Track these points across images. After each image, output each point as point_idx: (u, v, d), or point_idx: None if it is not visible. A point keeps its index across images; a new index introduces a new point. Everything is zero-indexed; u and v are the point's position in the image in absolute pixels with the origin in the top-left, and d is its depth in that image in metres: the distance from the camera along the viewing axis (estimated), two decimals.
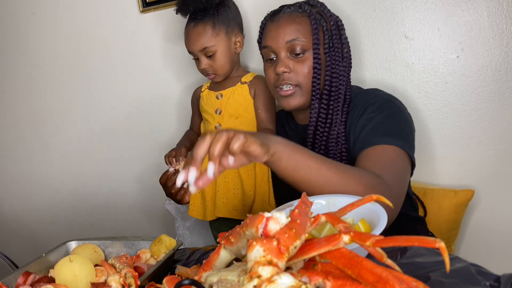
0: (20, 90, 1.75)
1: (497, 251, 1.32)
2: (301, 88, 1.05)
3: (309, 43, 1.03)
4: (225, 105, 1.22)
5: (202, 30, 1.17)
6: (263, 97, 1.21)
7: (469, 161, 1.29)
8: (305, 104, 1.07)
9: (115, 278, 0.76)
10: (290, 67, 1.03)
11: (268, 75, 1.09)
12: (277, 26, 1.05)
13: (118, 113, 1.64)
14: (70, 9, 1.61)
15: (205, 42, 1.17)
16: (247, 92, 1.22)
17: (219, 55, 1.19)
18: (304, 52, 1.03)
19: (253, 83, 1.23)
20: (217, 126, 1.22)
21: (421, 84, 1.29)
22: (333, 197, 0.81)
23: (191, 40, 1.19)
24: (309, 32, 1.03)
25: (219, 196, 1.19)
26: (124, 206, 1.73)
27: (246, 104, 1.22)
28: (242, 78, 1.24)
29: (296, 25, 1.03)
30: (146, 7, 1.49)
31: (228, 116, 1.21)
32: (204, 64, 1.20)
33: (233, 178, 1.19)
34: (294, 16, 1.04)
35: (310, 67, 1.03)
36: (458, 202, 1.22)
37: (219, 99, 1.23)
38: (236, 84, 1.23)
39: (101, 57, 1.61)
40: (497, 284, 0.54)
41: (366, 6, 1.30)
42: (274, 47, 1.05)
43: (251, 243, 0.46)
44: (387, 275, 0.43)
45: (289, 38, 1.02)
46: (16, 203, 1.88)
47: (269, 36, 1.06)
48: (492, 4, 1.20)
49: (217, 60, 1.19)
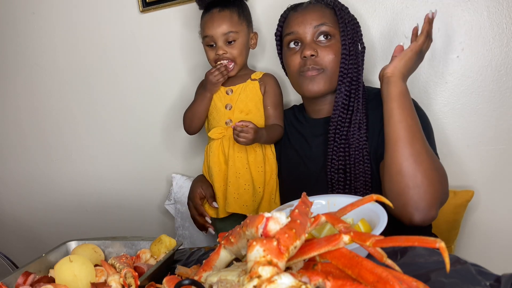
0: (20, 90, 1.75)
1: (497, 251, 1.32)
2: (326, 73, 1.06)
3: (335, 29, 1.07)
4: (236, 101, 1.21)
5: (229, 15, 1.18)
6: (273, 94, 1.23)
7: (469, 161, 1.29)
8: (326, 90, 1.08)
9: (115, 278, 0.76)
10: (317, 51, 1.05)
11: (292, 61, 1.10)
12: (304, 13, 1.09)
13: (118, 113, 1.64)
14: (70, 9, 1.61)
15: (231, 27, 1.17)
16: (257, 88, 1.22)
17: (239, 43, 1.19)
18: (330, 38, 1.06)
19: (264, 80, 1.24)
20: (227, 121, 1.21)
21: (421, 84, 1.29)
22: (333, 197, 0.81)
23: (215, 23, 1.18)
24: (334, 21, 1.07)
25: (230, 191, 1.19)
26: (124, 206, 1.73)
27: (256, 100, 1.22)
28: (252, 75, 1.25)
29: (322, 13, 1.08)
30: (146, 7, 1.49)
31: (238, 111, 1.21)
32: (223, 50, 1.18)
33: (244, 174, 1.19)
34: (318, 6, 1.10)
35: (336, 52, 1.06)
36: (458, 203, 1.22)
37: (229, 94, 1.22)
38: (246, 81, 1.23)
39: (101, 57, 1.61)
40: (497, 284, 0.54)
41: (366, 6, 1.30)
42: (300, 32, 1.07)
43: (251, 243, 0.46)
44: (387, 275, 0.43)
45: (317, 23, 1.06)
46: (16, 203, 1.88)
47: (295, 22, 1.09)
48: (492, 4, 1.20)
49: (236, 48, 1.19)
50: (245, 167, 1.19)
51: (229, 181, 1.19)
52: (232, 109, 1.21)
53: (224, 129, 1.21)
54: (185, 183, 1.50)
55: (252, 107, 1.21)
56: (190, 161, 1.59)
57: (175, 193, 1.52)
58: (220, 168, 1.21)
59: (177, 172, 1.58)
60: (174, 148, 1.60)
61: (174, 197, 1.53)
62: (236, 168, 1.19)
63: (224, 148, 1.21)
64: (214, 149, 1.21)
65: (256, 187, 1.20)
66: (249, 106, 1.21)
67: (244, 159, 1.19)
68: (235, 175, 1.19)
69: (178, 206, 1.52)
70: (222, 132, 1.21)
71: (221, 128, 1.21)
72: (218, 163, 1.21)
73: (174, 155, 1.61)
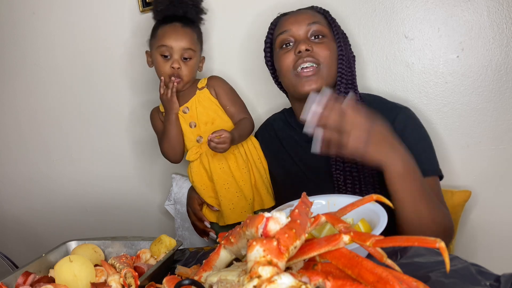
0: (20, 90, 1.74)
1: (495, 251, 1.31)
2: (322, 70, 1.05)
3: (328, 30, 1.08)
4: (196, 116, 1.22)
5: (190, 33, 1.21)
6: (225, 92, 1.24)
7: (468, 161, 1.29)
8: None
9: (115, 278, 0.76)
10: (312, 46, 1.05)
11: (285, 59, 1.08)
12: (295, 15, 1.10)
13: (118, 113, 1.64)
14: (70, 9, 1.61)
15: (191, 44, 1.20)
16: (208, 94, 1.24)
17: (192, 63, 1.21)
18: (323, 37, 1.07)
19: (210, 84, 1.25)
20: (198, 139, 1.22)
21: (421, 84, 1.29)
22: (333, 197, 0.81)
23: (178, 36, 1.19)
24: (326, 23, 1.09)
25: (224, 204, 1.20)
26: (124, 206, 1.73)
27: (214, 107, 1.23)
28: (198, 85, 1.25)
29: (313, 14, 1.09)
30: (146, 7, 1.49)
31: (203, 125, 1.22)
32: (178, 64, 1.19)
33: (231, 182, 1.20)
34: (309, 10, 1.12)
35: (331, 49, 1.06)
36: (455, 203, 1.22)
37: (186, 112, 1.22)
38: (195, 93, 1.24)
39: (101, 57, 1.61)
40: (497, 284, 0.54)
41: (366, 6, 1.30)
42: (294, 30, 1.07)
43: (251, 243, 0.46)
44: (387, 275, 0.43)
45: (309, 21, 1.07)
46: (16, 203, 1.88)
47: (288, 22, 1.09)
48: (492, 4, 1.20)
49: (189, 66, 1.20)
50: (230, 176, 1.20)
51: (220, 195, 1.20)
52: (197, 125, 1.22)
53: (198, 147, 1.22)
54: (185, 184, 1.50)
55: (213, 115, 1.22)
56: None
57: (175, 194, 1.52)
58: (206, 185, 1.22)
59: (177, 172, 1.58)
60: None
61: (174, 198, 1.53)
62: (222, 181, 1.20)
63: (204, 165, 1.21)
64: (195, 169, 1.22)
65: (246, 189, 1.20)
66: (211, 115, 1.22)
67: (226, 168, 1.20)
68: (224, 188, 1.20)
69: (178, 207, 1.51)
70: (198, 152, 1.21)
71: (196, 148, 1.22)
72: (202, 181, 1.22)
73: None
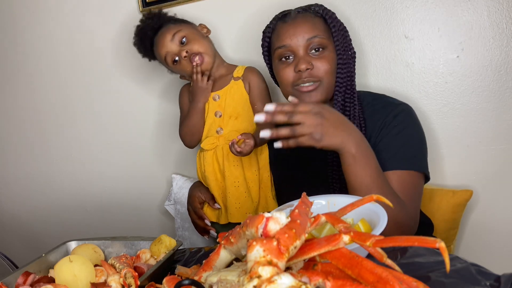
0: (20, 90, 1.74)
1: (496, 251, 1.31)
2: (322, 85, 1.05)
3: (328, 40, 1.05)
4: (224, 106, 1.18)
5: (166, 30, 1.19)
6: (259, 89, 1.19)
7: (469, 161, 1.29)
8: (324, 100, 1.07)
9: (115, 278, 0.76)
10: (312, 63, 1.04)
11: (285, 74, 1.07)
12: (294, 25, 1.06)
13: (119, 113, 1.64)
14: (70, 9, 1.61)
15: (173, 30, 1.18)
16: (242, 88, 1.19)
17: (188, 35, 1.18)
18: (323, 50, 1.05)
19: (246, 77, 1.20)
20: (218, 130, 1.19)
21: (421, 84, 1.29)
22: (333, 197, 0.81)
23: (165, 41, 1.18)
24: (326, 30, 1.06)
25: (230, 201, 1.18)
26: (124, 206, 1.73)
27: (243, 102, 1.19)
28: (234, 73, 1.21)
29: (313, 24, 1.05)
30: (146, 7, 1.49)
31: (227, 117, 1.18)
32: (183, 49, 1.16)
33: (242, 181, 1.18)
34: (308, 16, 1.07)
35: (330, 63, 1.04)
36: (456, 202, 1.22)
37: (216, 100, 1.19)
38: (230, 82, 1.20)
39: (101, 57, 1.61)
40: (497, 284, 0.54)
41: (366, 6, 1.30)
42: (293, 45, 1.05)
43: (251, 243, 0.46)
44: (387, 275, 0.43)
45: (309, 36, 1.04)
46: (16, 203, 1.88)
47: (286, 35, 1.06)
48: (492, 4, 1.20)
49: (189, 41, 1.17)
50: (242, 175, 1.18)
51: (228, 192, 1.18)
52: (222, 116, 1.19)
53: (216, 139, 1.19)
54: (185, 184, 1.50)
55: (240, 110, 1.19)
56: (190, 162, 1.59)
57: (175, 194, 1.52)
58: (216, 178, 1.20)
59: (177, 172, 1.58)
60: (174, 148, 1.60)
61: (174, 198, 1.53)
62: (234, 178, 1.18)
63: (218, 158, 1.19)
64: (208, 159, 1.20)
65: (254, 191, 1.19)
66: (237, 110, 1.18)
67: (239, 167, 1.18)
68: (233, 185, 1.18)
69: (178, 207, 1.51)
70: (214, 143, 1.19)
71: (213, 138, 1.19)
72: (214, 173, 1.20)
73: (174, 156, 1.61)
